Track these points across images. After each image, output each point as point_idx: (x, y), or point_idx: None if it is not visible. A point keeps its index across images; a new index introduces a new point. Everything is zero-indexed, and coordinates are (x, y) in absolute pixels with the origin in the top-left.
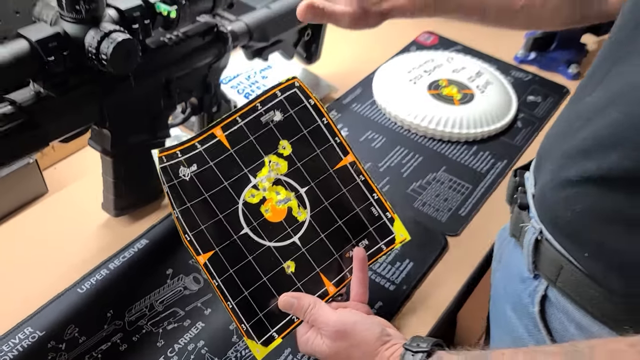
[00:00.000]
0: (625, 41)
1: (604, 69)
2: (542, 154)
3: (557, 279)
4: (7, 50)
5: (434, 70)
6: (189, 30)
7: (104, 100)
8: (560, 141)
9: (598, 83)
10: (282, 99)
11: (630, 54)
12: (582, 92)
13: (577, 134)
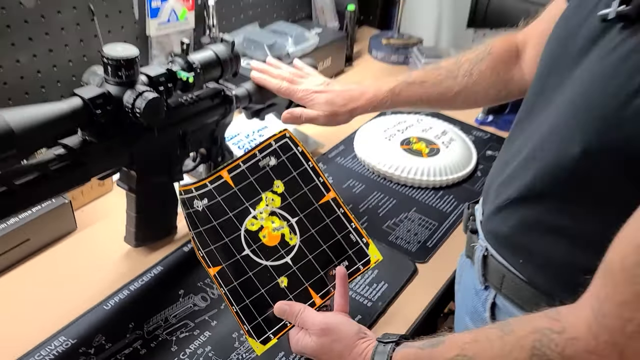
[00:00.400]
0: (538, 92)
1: (523, 118)
2: (486, 188)
3: (502, 287)
4: (65, 105)
5: (406, 130)
6: (201, 93)
7: (133, 147)
8: (497, 177)
9: (519, 130)
10: (276, 147)
11: (532, 114)
12: (510, 139)
13: (506, 170)
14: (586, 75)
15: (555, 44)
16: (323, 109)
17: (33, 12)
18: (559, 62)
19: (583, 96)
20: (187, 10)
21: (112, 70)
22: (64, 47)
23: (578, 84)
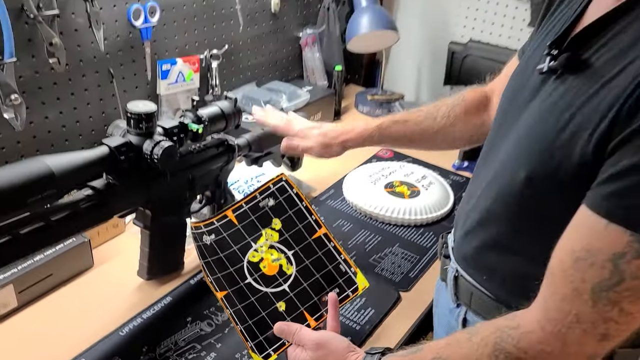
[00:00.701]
0: (496, 132)
1: (485, 154)
2: (456, 218)
3: (471, 303)
4: (94, 153)
5: (389, 175)
6: (207, 143)
7: (150, 189)
8: (464, 206)
9: (483, 164)
10: (274, 190)
11: (492, 150)
12: (475, 172)
13: (471, 199)
14: (530, 117)
15: (510, 94)
16: (318, 140)
17: (62, 76)
18: (512, 108)
19: (527, 133)
20: (193, 72)
21: (134, 123)
22: (86, 105)
23: (524, 124)
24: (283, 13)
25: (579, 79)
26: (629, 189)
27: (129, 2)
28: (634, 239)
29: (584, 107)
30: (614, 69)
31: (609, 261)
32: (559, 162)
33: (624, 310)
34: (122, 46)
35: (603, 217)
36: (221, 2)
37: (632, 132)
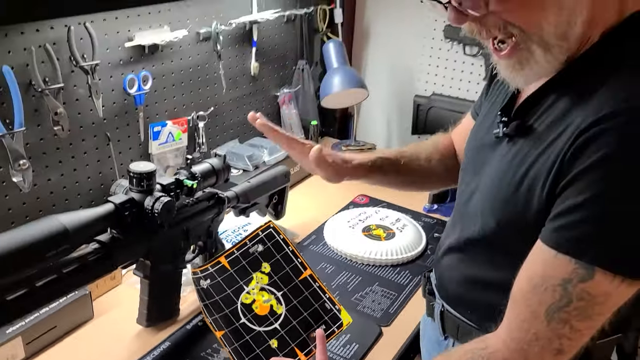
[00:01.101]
0: (465, 186)
1: (456, 207)
2: (435, 259)
3: (458, 335)
4: (101, 210)
5: (366, 219)
6: (200, 196)
7: (150, 241)
8: (441, 250)
9: (458, 215)
10: (263, 236)
11: (462, 201)
12: (451, 220)
13: (450, 245)
14: (492, 172)
15: (471, 153)
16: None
17: (64, 141)
18: (475, 165)
19: (491, 186)
20: (181, 132)
21: (136, 181)
22: (85, 167)
23: (488, 179)
24: (261, 75)
25: (527, 141)
26: (572, 224)
27: (124, 72)
28: (579, 266)
29: (535, 163)
30: (554, 132)
31: (559, 285)
32: (522, 209)
33: (573, 327)
34: (118, 112)
35: (553, 249)
36: (206, 68)
37: (572, 178)
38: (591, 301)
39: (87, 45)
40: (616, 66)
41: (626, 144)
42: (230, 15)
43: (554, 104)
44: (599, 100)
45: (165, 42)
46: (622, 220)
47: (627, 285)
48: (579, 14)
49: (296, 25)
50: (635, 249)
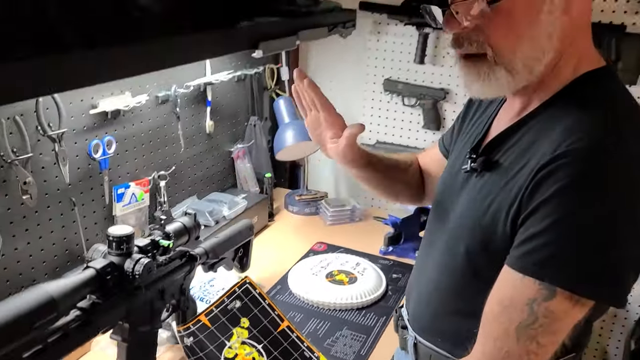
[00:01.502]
0: (437, 217)
1: (427, 239)
2: (407, 294)
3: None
4: (84, 275)
5: (327, 265)
6: (172, 255)
7: (129, 303)
8: (415, 283)
9: (428, 245)
10: (239, 292)
11: (434, 233)
12: (420, 254)
13: (420, 277)
14: (462, 204)
15: (443, 187)
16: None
17: (31, 209)
18: (447, 198)
19: (461, 217)
20: (143, 193)
21: (116, 245)
22: (50, 234)
23: (459, 210)
24: (216, 132)
25: (493, 175)
26: (535, 249)
27: (88, 138)
28: (542, 287)
29: (499, 195)
30: (517, 166)
31: (526, 305)
32: (488, 236)
33: (540, 343)
34: (83, 177)
35: (519, 272)
36: (165, 129)
37: (533, 209)
38: (554, 318)
39: (54, 114)
40: (569, 112)
41: (577, 178)
42: (187, 78)
43: (517, 142)
44: (554, 141)
45: (128, 107)
46: (577, 245)
47: (581, 305)
48: (546, 56)
49: (246, 84)
50: (589, 271)
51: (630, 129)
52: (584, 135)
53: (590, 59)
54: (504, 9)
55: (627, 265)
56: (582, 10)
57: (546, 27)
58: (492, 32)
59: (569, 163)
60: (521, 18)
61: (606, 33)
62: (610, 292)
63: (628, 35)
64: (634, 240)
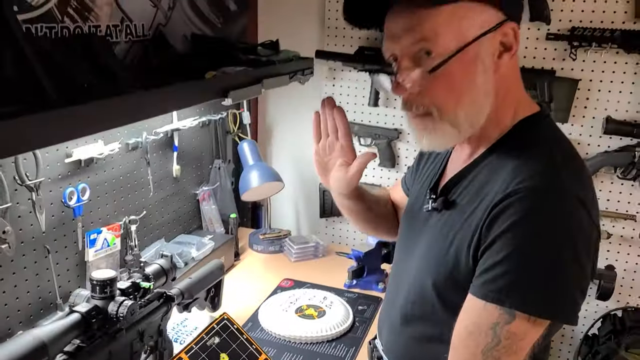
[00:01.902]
0: (402, 253)
1: (395, 272)
2: (380, 326)
3: None
4: (70, 320)
5: (296, 301)
6: (151, 297)
7: (111, 345)
8: (386, 314)
9: (396, 278)
10: (218, 328)
11: (401, 268)
12: (389, 288)
13: (391, 310)
14: (426, 240)
15: (406, 225)
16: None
17: (6, 258)
18: (411, 235)
19: (426, 252)
20: (115, 237)
21: (100, 288)
22: (25, 282)
23: (423, 246)
24: (182, 176)
25: (453, 213)
26: (494, 278)
27: (62, 186)
28: (503, 312)
29: (460, 231)
30: (474, 204)
31: (490, 329)
32: (452, 269)
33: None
34: (57, 224)
35: (481, 299)
36: (135, 174)
37: (490, 242)
38: (515, 339)
39: (31, 164)
40: (514, 155)
41: (527, 213)
42: (156, 125)
43: (471, 183)
44: (505, 181)
45: (101, 155)
46: (530, 272)
47: (538, 324)
48: (485, 110)
49: (211, 128)
50: (542, 295)
51: (566, 167)
52: (530, 175)
53: (525, 106)
54: (443, 74)
55: (574, 287)
56: (510, 67)
57: (482, 86)
58: (435, 94)
59: (520, 199)
60: (459, 80)
61: (540, 77)
62: (562, 312)
63: (558, 78)
64: (577, 265)
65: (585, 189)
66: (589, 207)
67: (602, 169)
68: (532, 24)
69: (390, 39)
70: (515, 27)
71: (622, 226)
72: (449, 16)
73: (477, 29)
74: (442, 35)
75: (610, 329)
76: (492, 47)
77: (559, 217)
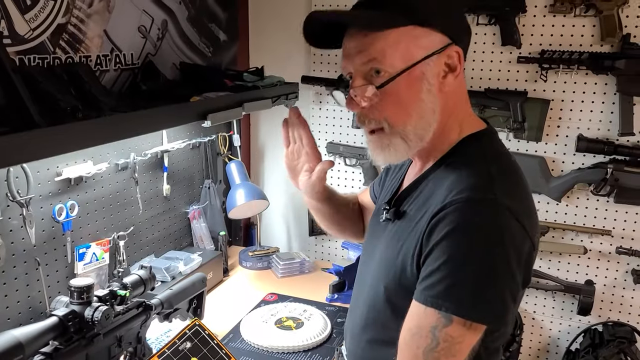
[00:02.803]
0: (364, 260)
1: (358, 279)
2: (345, 331)
3: None
4: (48, 322)
5: (277, 313)
6: (130, 305)
7: (88, 348)
8: (349, 320)
9: (356, 290)
10: (190, 334)
11: (363, 273)
12: (354, 294)
13: (352, 315)
14: (381, 248)
15: (370, 232)
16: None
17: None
18: (371, 245)
19: (380, 258)
20: (104, 252)
21: (77, 295)
22: (15, 292)
23: (379, 253)
24: (173, 195)
25: (403, 223)
26: (433, 284)
27: (53, 203)
28: (441, 315)
29: (407, 239)
30: (419, 215)
31: (430, 332)
32: (400, 275)
33: None
34: (47, 238)
35: (422, 304)
36: (124, 192)
37: (429, 251)
38: (453, 341)
39: (22, 182)
40: (455, 168)
41: (459, 224)
42: (144, 147)
43: (419, 195)
44: (443, 193)
45: (89, 174)
46: (465, 279)
47: (474, 329)
48: (432, 126)
49: (201, 150)
50: (476, 300)
51: (501, 181)
52: (466, 187)
53: (471, 124)
54: (391, 91)
55: (505, 294)
56: (455, 87)
57: (428, 103)
58: (385, 109)
59: (454, 210)
60: (406, 97)
61: (512, 98)
62: (492, 317)
63: (530, 99)
64: (507, 272)
65: (519, 202)
66: (521, 219)
67: (576, 185)
68: (504, 47)
69: (346, 58)
70: (460, 50)
71: (599, 241)
72: (397, 39)
73: (423, 50)
74: (390, 55)
75: (589, 342)
76: (437, 67)
77: (491, 227)
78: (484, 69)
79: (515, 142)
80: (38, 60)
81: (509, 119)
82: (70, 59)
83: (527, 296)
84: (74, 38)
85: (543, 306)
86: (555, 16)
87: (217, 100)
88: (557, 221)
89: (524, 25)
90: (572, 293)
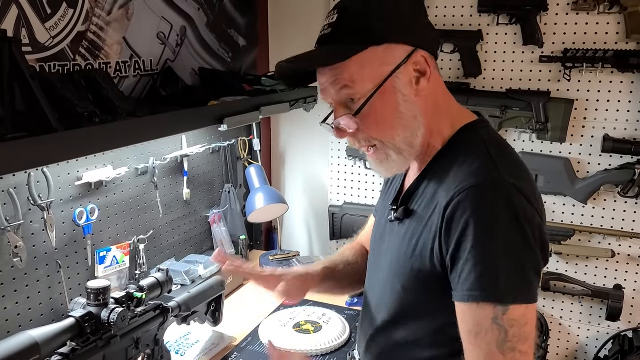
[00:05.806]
0: (372, 264)
1: (368, 286)
2: (358, 336)
3: None
4: (65, 323)
5: (295, 317)
6: (147, 307)
7: (105, 350)
8: (363, 325)
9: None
10: None
11: (372, 278)
12: (364, 301)
13: (364, 321)
14: (391, 248)
15: (375, 239)
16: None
17: (20, 271)
18: (378, 247)
19: (392, 258)
20: (124, 255)
21: (94, 296)
22: (37, 294)
23: (389, 254)
24: (193, 199)
25: (412, 220)
26: (475, 282)
27: (74, 207)
28: (495, 304)
29: (422, 235)
30: (430, 210)
31: (493, 324)
32: (418, 271)
33: (521, 351)
34: (68, 241)
35: (473, 302)
36: (144, 197)
37: (455, 246)
38: (518, 324)
39: (43, 186)
40: (456, 159)
41: (476, 210)
42: (164, 151)
43: (425, 190)
44: (451, 184)
45: (109, 178)
46: (501, 264)
47: (527, 308)
48: (418, 130)
49: (221, 154)
50: (512, 281)
51: (501, 161)
52: (470, 174)
53: (462, 116)
54: (369, 112)
55: (529, 268)
56: (432, 87)
57: (407, 111)
58: (369, 130)
59: (465, 198)
60: (385, 114)
61: (534, 98)
62: (531, 293)
63: (553, 99)
64: (530, 248)
65: (522, 180)
66: (527, 195)
67: (603, 187)
68: (525, 47)
69: (322, 92)
70: (425, 53)
71: (628, 245)
72: (360, 64)
73: (388, 66)
74: (359, 80)
75: (618, 349)
76: (406, 77)
77: (505, 208)
78: (506, 69)
79: (538, 144)
80: (58, 67)
81: (531, 119)
82: (90, 66)
83: (554, 301)
84: (94, 45)
85: (570, 312)
86: (578, 14)
87: (234, 104)
88: (583, 224)
89: (545, 24)
90: (600, 298)
